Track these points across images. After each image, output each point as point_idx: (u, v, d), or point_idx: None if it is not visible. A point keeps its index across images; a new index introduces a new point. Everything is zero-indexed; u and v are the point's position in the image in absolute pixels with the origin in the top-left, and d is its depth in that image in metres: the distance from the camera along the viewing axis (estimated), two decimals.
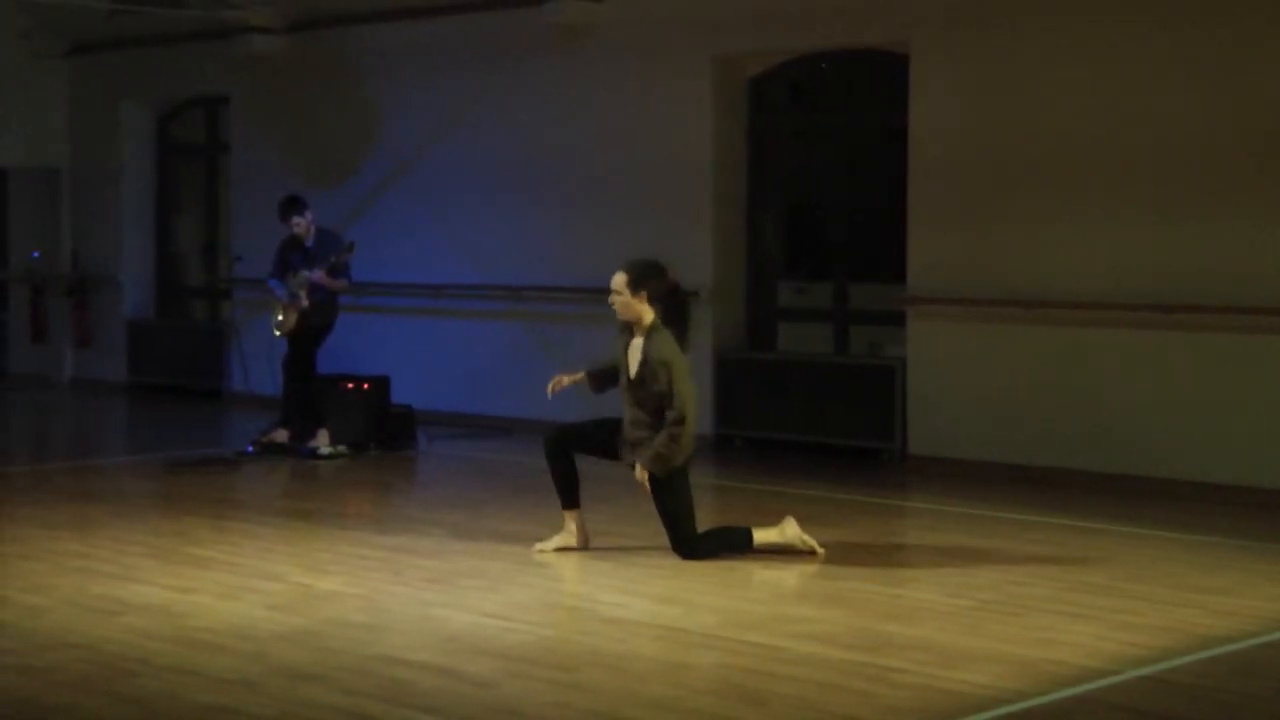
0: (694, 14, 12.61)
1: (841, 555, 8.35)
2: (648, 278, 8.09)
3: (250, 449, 11.98)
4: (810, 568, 8.04)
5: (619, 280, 8.10)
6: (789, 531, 8.24)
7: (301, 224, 12.02)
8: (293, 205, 12.07)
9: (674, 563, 8.08)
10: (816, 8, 11.98)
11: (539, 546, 8.38)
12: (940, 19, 11.38)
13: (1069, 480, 10.66)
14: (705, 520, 8.37)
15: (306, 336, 12.13)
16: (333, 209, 13.85)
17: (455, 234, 14.12)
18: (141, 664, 6.16)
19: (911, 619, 7.12)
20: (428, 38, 14.24)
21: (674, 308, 8.20)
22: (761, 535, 8.22)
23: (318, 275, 11.87)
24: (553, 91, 13.42)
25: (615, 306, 8.13)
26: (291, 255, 12.09)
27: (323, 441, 11.95)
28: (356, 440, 12.12)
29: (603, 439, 8.30)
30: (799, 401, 12.15)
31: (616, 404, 8.37)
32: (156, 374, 16.58)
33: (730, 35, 12.50)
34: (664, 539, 8.34)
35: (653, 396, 8.04)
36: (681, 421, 7.95)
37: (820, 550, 8.23)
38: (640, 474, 8.05)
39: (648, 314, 8.09)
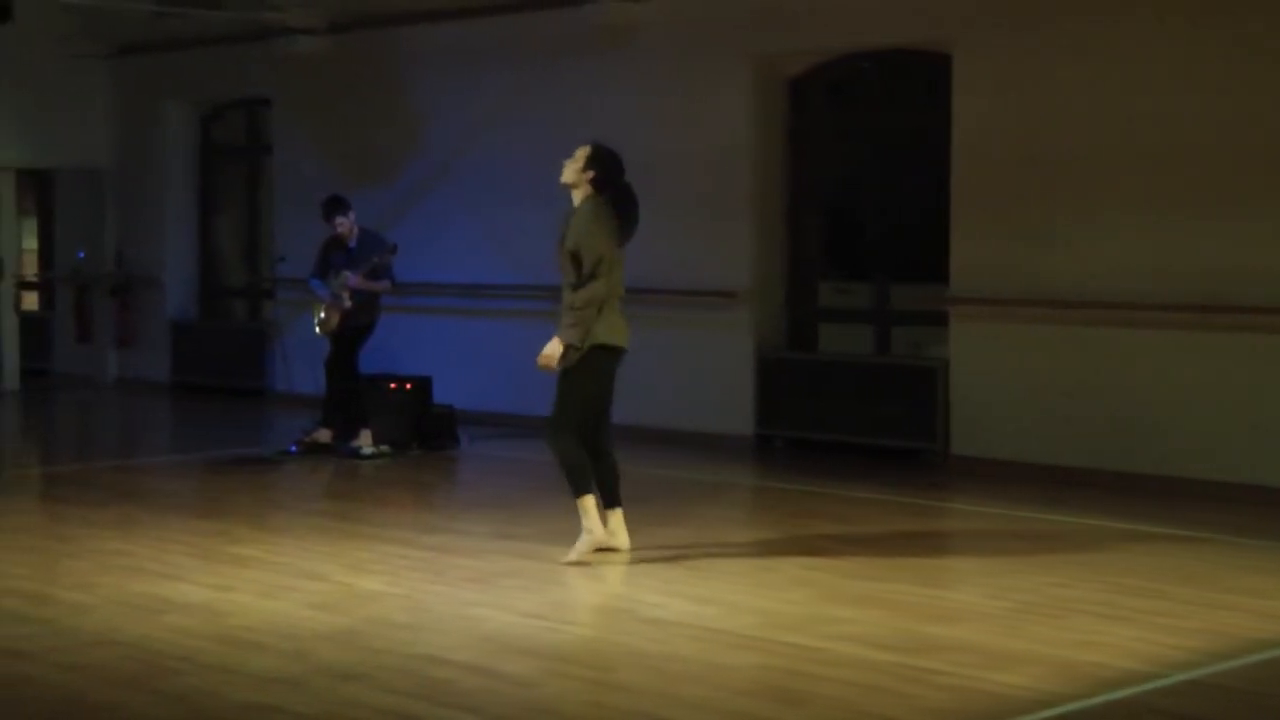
0: (734, 14, 12.59)
1: (881, 556, 8.34)
2: (604, 162, 8.24)
3: (293, 449, 12.03)
4: (849, 568, 8.03)
5: (582, 150, 8.29)
6: (596, 535, 8.11)
7: (344, 224, 12.06)
8: (336, 205, 12.12)
9: (713, 564, 8.08)
10: (857, 7, 11.94)
11: (576, 549, 8.33)
12: (983, 18, 11.33)
13: (1109, 481, 10.59)
14: (743, 521, 8.35)
15: (349, 336, 12.17)
16: (373, 209, 13.89)
17: (495, 234, 14.14)
18: (185, 662, 6.20)
19: (952, 620, 7.10)
20: (468, 38, 14.27)
21: (621, 202, 8.29)
22: (587, 513, 8.10)
23: (354, 280, 11.90)
24: (592, 92, 13.42)
25: (564, 166, 8.29)
26: (334, 255, 12.13)
27: (365, 441, 11.99)
28: (398, 440, 12.17)
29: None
30: (840, 402, 12.12)
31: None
32: (199, 374, 16.67)
33: (770, 35, 12.47)
34: (702, 541, 8.35)
35: (571, 270, 8.13)
36: (580, 305, 8.03)
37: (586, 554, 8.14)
38: (552, 346, 8.09)
39: (586, 190, 8.24)
